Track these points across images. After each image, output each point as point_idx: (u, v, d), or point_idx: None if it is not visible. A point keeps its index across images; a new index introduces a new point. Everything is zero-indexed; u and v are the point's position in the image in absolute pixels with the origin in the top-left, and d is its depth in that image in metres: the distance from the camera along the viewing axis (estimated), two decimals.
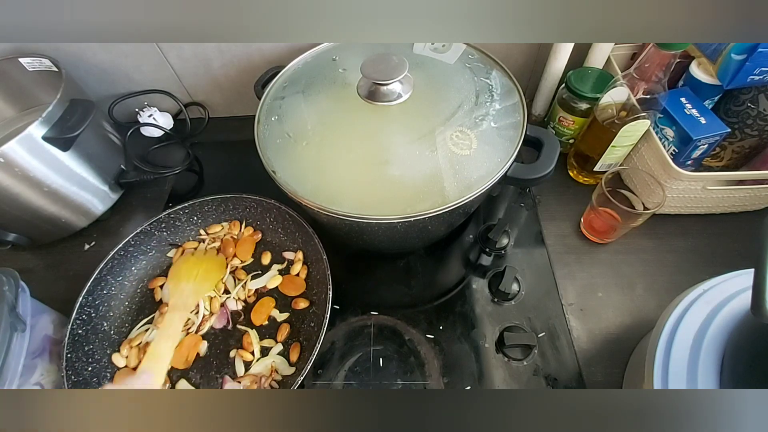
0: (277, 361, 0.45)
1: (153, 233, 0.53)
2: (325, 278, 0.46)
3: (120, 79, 0.65)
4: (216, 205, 0.55)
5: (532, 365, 0.45)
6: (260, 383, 0.44)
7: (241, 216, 0.56)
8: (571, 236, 0.55)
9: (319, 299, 0.48)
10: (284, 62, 0.52)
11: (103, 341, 0.47)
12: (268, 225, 0.55)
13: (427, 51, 0.48)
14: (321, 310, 0.45)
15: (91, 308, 0.47)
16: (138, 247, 0.52)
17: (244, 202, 0.55)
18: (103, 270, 0.48)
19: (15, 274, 0.41)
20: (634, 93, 0.47)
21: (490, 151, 0.41)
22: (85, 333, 0.45)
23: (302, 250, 0.53)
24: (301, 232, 0.51)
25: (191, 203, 0.54)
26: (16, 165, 0.46)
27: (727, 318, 0.33)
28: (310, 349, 0.42)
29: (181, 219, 0.54)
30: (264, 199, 0.53)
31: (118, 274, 0.50)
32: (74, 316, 0.44)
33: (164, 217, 0.53)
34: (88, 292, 0.46)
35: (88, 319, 0.46)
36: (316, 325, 0.45)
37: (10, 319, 0.37)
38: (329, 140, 0.42)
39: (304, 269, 0.51)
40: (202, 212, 0.55)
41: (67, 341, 0.43)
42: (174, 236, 0.54)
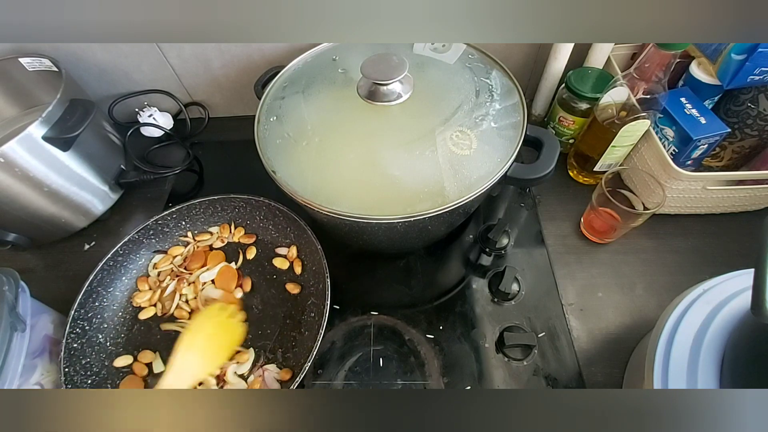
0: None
1: (141, 241, 0.52)
2: (321, 268, 0.46)
3: (120, 79, 0.65)
4: (204, 207, 0.54)
5: (532, 365, 0.45)
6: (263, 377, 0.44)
7: (231, 217, 0.55)
8: (571, 236, 0.55)
9: (317, 290, 0.48)
10: (284, 62, 0.52)
11: (100, 353, 0.46)
12: (258, 223, 0.55)
13: (427, 51, 0.48)
14: (320, 299, 0.45)
15: (84, 321, 0.46)
16: (127, 257, 0.51)
17: (233, 202, 0.54)
18: (93, 282, 0.47)
19: (15, 274, 0.41)
20: (634, 93, 0.47)
21: (490, 151, 0.40)
22: (80, 347, 0.44)
23: (295, 245, 0.53)
24: (293, 227, 0.51)
25: (179, 207, 0.53)
26: (16, 165, 0.46)
27: (727, 318, 0.33)
28: (313, 338, 0.42)
29: (169, 225, 0.53)
30: (252, 198, 0.53)
31: (109, 285, 0.49)
32: (68, 330, 0.43)
33: (152, 224, 0.52)
34: (80, 305, 0.45)
35: (82, 333, 0.45)
36: (317, 314, 0.46)
37: (10, 319, 0.37)
38: (329, 140, 0.42)
39: (299, 263, 0.52)
40: (190, 216, 0.54)
41: (63, 356, 0.42)
42: (163, 243, 0.54)
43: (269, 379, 0.44)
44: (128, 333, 0.48)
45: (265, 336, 0.47)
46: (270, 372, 0.44)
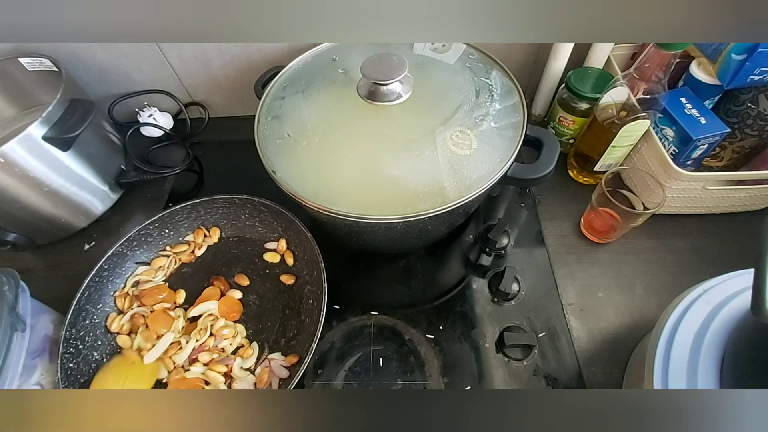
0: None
1: (125, 254, 0.51)
2: (314, 255, 0.46)
3: (120, 79, 0.65)
4: (186, 213, 0.53)
5: (532, 365, 0.45)
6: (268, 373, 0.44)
7: (215, 219, 0.55)
8: (571, 236, 0.55)
9: (312, 277, 0.48)
10: (284, 62, 0.52)
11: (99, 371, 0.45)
12: (244, 222, 0.55)
13: (427, 51, 0.48)
14: (317, 286, 0.46)
15: (76, 340, 0.45)
16: (113, 271, 0.50)
17: (216, 203, 0.54)
18: (81, 300, 0.46)
19: (15, 274, 0.41)
20: (634, 93, 0.47)
21: (490, 151, 0.40)
22: (77, 366, 0.44)
23: (284, 237, 0.53)
24: (279, 220, 0.51)
25: (160, 216, 0.52)
26: (16, 165, 0.46)
27: (727, 318, 0.33)
28: (315, 323, 0.43)
29: (152, 234, 0.53)
30: (235, 197, 0.53)
31: (97, 301, 0.48)
32: (61, 351, 0.43)
33: (135, 235, 0.51)
34: (70, 324, 0.44)
35: (76, 353, 0.44)
36: (315, 300, 0.46)
37: (10, 319, 0.37)
38: (329, 140, 0.42)
39: (290, 255, 0.52)
40: (173, 223, 0.53)
41: (60, 377, 0.41)
42: (148, 253, 0.53)
43: (276, 367, 0.44)
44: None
45: (267, 329, 0.48)
46: (276, 360, 0.45)
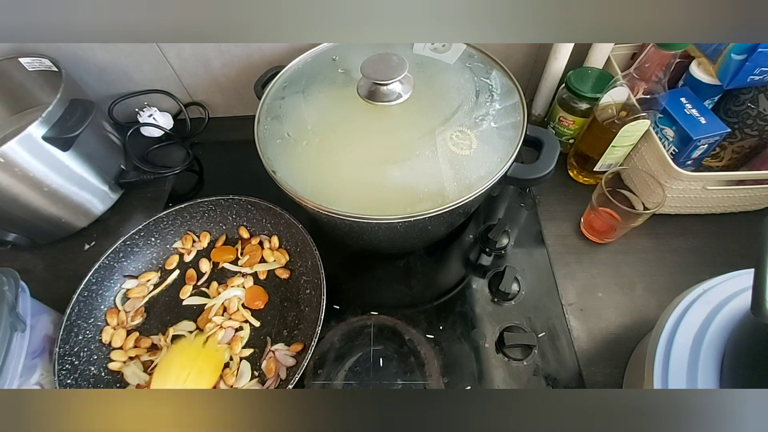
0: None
1: (112, 266, 0.50)
2: (307, 245, 0.47)
3: (120, 79, 0.65)
4: (171, 219, 0.53)
5: (532, 365, 0.45)
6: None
7: (201, 223, 0.55)
8: (571, 236, 0.55)
9: (306, 268, 0.48)
10: (284, 62, 0.52)
11: (98, 385, 0.44)
12: (231, 223, 0.55)
13: (427, 51, 0.48)
14: (313, 275, 0.46)
15: (71, 356, 0.44)
16: (101, 284, 0.49)
17: (201, 207, 0.53)
18: (71, 316, 0.45)
19: (15, 274, 0.41)
20: (634, 93, 0.47)
21: (490, 151, 0.40)
22: (74, 382, 0.43)
23: (275, 234, 0.53)
24: (269, 216, 0.52)
25: (145, 224, 0.51)
26: (16, 165, 0.46)
27: (727, 318, 0.33)
28: (316, 310, 0.43)
29: (138, 244, 0.51)
30: (221, 198, 0.53)
31: (88, 316, 0.47)
32: (56, 368, 0.42)
33: (121, 245, 0.50)
34: (63, 340, 0.43)
35: (73, 369, 0.43)
36: (313, 289, 0.46)
37: (10, 319, 0.37)
38: (329, 140, 0.42)
39: (284, 252, 0.52)
40: (158, 230, 0.53)
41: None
42: (136, 263, 0.52)
43: (281, 356, 0.45)
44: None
45: (267, 323, 0.48)
46: (280, 351, 0.45)
